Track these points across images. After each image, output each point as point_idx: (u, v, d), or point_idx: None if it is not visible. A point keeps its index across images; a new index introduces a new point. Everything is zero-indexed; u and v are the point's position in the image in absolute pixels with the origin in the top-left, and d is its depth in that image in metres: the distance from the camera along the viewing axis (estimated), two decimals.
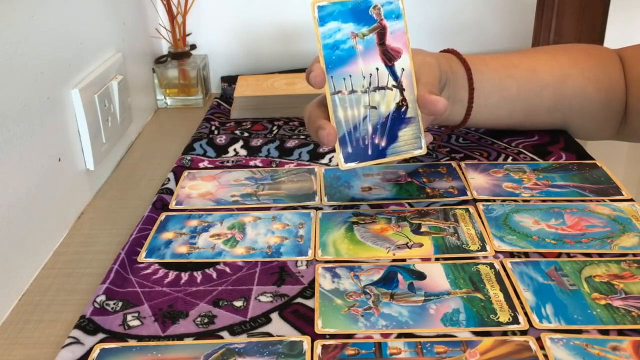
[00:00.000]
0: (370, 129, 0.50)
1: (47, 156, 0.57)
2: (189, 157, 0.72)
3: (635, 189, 0.63)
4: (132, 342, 0.43)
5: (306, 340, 0.43)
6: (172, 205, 0.61)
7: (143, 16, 0.90)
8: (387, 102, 0.51)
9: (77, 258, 0.56)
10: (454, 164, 0.68)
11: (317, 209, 0.60)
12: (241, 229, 0.57)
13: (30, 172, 0.53)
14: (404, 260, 0.51)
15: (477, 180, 0.64)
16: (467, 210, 0.58)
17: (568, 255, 0.51)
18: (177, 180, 0.66)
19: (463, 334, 0.43)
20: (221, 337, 0.44)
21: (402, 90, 0.52)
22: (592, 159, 0.68)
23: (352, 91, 0.50)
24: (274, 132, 0.79)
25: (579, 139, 0.73)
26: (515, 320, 0.44)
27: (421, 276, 0.49)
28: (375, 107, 0.51)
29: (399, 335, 0.43)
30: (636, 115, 0.67)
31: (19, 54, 0.52)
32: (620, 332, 0.43)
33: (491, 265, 0.50)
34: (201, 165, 0.70)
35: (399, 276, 0.49)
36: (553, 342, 0.42)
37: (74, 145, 0.63)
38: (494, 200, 0.60)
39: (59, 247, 0.57)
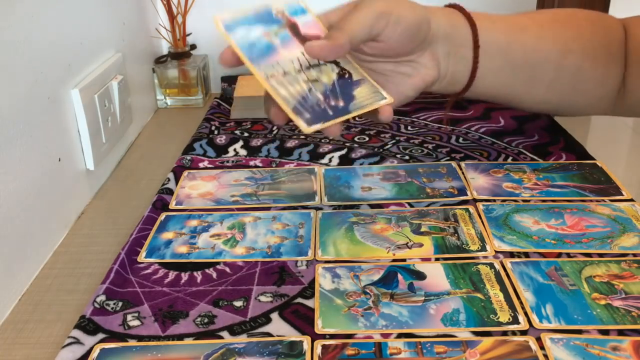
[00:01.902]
0: (320, 96, 0.48)
1: (47, 156, 0.57)
2: (189, 157, 0.72)
3: (635, 189, 0.63)
4: (132, 342, 0.43)
5: (306, 340, 0.43)
6: (172, 205, 0.61)
7: (143, 16, 0.90)
8: (327, 74, 0.50)
9: (77, 258, 0.56)
10: (454, 164, 0.68)
11: (317, 209, 0.60)
12: (241, 229, 0.57)
13: (30, 172, 0.53)
14: (404, 260, 0.51)
15: (477, 180, 0.64)
16: (467, 210, 0.58)
17: (568, 255, 0.51)
18: (177, 180, 0.66)
19: (463, 334, 0.43)
20: (221, 337, 0.44)
21: (336, 63, 0.51)
22: (592, 159, 0.68)
23: (285, 73, 0.48)
24: (274, 132, 0.79)
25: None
26: (515, 320, 0.44)
27: (421, 276, 0.49)
28: (316, 80, 0.49)
29: (399, 335, 0.43)
30: (631, 92, 0.66)
31: (19, 54, 0.52)
32: (620, 332, 0.43)
33: (491, 265, 0.50)
34: (201, 165, 0.70)
35: (399, 276, 0.49)
36: (553, 342, 0.42)
37: (74, 145, 0.63)
38: (494, 200, 0.60)
39: (59, 247, 0.57)
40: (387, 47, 0.53)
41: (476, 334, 0.43)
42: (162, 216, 0.59)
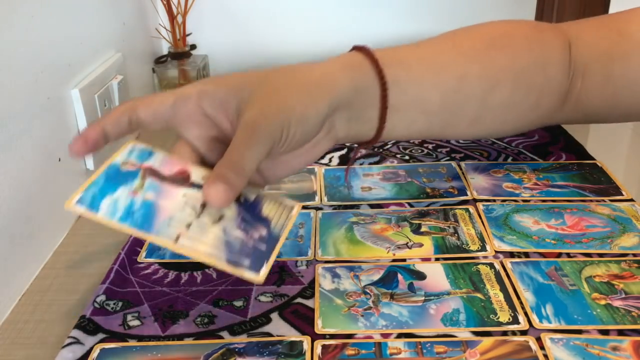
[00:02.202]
0: (239, 233, 0.42)
1: (47, 156, 0.57)
2: None
3: (635, 189, 0.63)
4: (132, 342, 0.43)
5: (306, 340, 0.43)
6: None
7: (143, 16, 0.90)
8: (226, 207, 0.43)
9: (77, 258, 0.56)
10: (454, 164, 0.68)
11: (317, 209, 0.60)
12: None
13: (30, 172, 0.53)
14: (404, 260, 0.51)
15: (477, 180, 0.64)
16: (467, 210, 0.58)
17: (568, 255, 0.51)
18: None
19: (463, 334, 0.43)
20: (221, 337, 0.44)
21: None
22: (592, 159, 0.68)
23: (188, 225, 0.41)
24: None
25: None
26: (515, 320, 0.44)
27: (421, 276, 0.49)
28: (222, 217, 0.42)
29: (399, 335, 0.43)
30: (582, 101, 0.62)
31: (19, 54, 0.52)
32: (621, 332, 0.43)
33: (491, 265, 0.50)
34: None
35: (399, 276, 0.49)
36: (553, 342, 0.42)
37: None
38: (494, 200, 0.60)
39: (59, 247, 0.57)
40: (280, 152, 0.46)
41: (476, 334, 0.43)
42: None
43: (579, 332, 0.43)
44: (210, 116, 0.46)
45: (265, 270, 0.40)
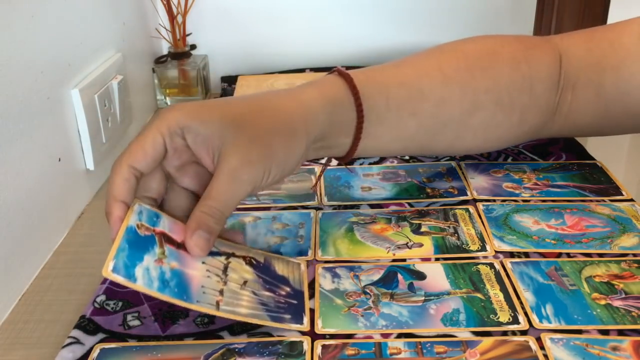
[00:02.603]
0: (268, 293, 0.46)
1: (47, 156, 0.57)
2: None
3: (635, 189, 0.63)
4: (132, 342, 0.43)
5: (306, 340, 0.43)
6: None
7: (143, 16, 0.90)
8: (240, 269, 0.47)
9: (77, 258, 0.56)
10: (454, 164, 0.68)
11: (317, 209, 0.60)
12: (241, 229, 0.57)
13: (30, 172, 0.53)
14: (404, 260, 0.51)
15: (477, 180, 0.64)
16: (467, 210, 0.58)
17: (568, 255, 0.51)
18: None
19: (463, 334, 0.43)
20: (221, 337, 0.44)
21: (223, 254, 0.47)
22: (592, 159, 0.68)
23: (221, 292, 0.44)
24: None
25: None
26: (515, 320, 0.44)
27: (421, 276, 0.49)
28: (245, 281, 0.46)
29: (399, 335, 0.43)
30: (572, 114, 0.61)
31: (19, 54, 0.52)
32: (621, 332, 0.43)
33: (491, 265, 0.50)
34: None
35: (399, 276, 0.49)
36: (553, 342, 0.42)
37: (74, 145, 0.63)
38: (494, 200, 0.60)
39: (59, 247, 0.57)
40: None
41: (476, 334, 0.43)
42: None
43: (579, 332, 0.43)
44: (192, 149, 0.46)
45: (306, 319, 0.45)
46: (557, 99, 0.60)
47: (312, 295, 0.48)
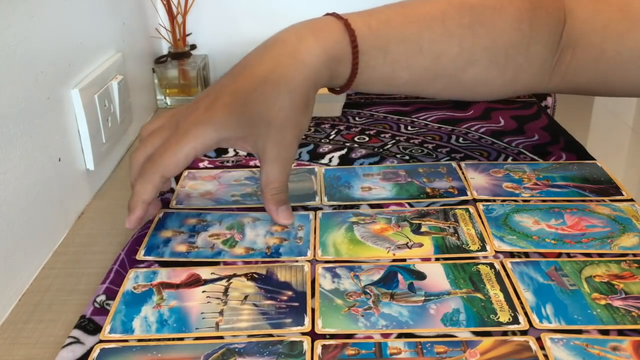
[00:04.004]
0: (269, 301, 0.47)
1: (47, 156, 0.57)
2: None
3: (635, 189, 0.63)
4: (132, 342, 0.43)
5: (306, 340, 0.43)
6: (173, 205, 0.61)
7: (143, 16, 0.90)
8: (243, 287, 0.49)
9: (77, 258, 0.56)
10: (454, 164, 0.68)
11: (317, 209, 0.60)
12: (240, 230, 0.57)
13: (30, 172, 0.53)
14: (404, 260, 0.51)
15: (477, 180, 0.64)
16: (467, 210, 0.58)
17: (568, 255, 0.51)
18: (177, 180, 0.66)
19: (463, 334, 0.43)
20: (221, 337, 0.44)
21: None
22: (592, 159, 0.68)
23: (221, 311, 0.46)
24: None
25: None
26: (516, 320, 0.44)
27: (421, 276, 0.49)
28: (247, 296, 0.48)
29: (399, 335, 0.43)
30: (571, 74, 0.61)
31: (19, 54, 0.52)
32: (621, 332, 0.43)
33: (491, 265, 0.50)
34: (201, 165, 0.70)
35: (399, 276, 0.49)
36: (553, 342, 0.42)
37: (74, 145, 0.63)
38: (494, 200, 0.60)
39: (59, 247, 0.57)
40: None
41: (476, 334, 0.43)
42: (161, 213, 0.59)
43: (579, 332, 0.43)
44: (229, 146, 0.56)
45: (307, 320, 0.45)
46: (554, 60, 0.60)
47: (312, 295, 0.48)
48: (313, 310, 0.46)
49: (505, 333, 0.43)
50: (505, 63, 0.59)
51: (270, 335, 0.43)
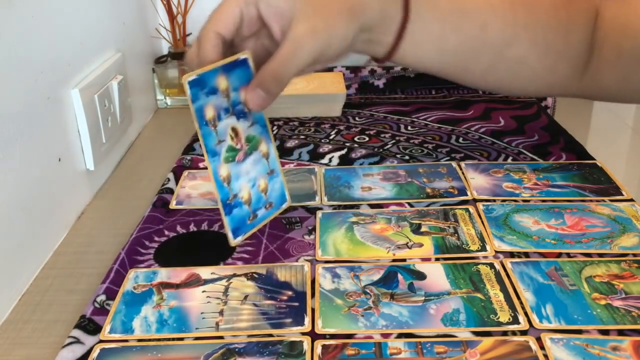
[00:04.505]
0: (268, 301, 0.47)
1: (47, 156, 0.57)
2: (189, 157, 0.72)
3: (635, 189, 0.63)
4: (132, 342, 0.43)
5: (306, 340, 0.43)
6: (173, 205, 0.61)
7: (143, 16, 0.90)
8: (243, 287, 0.49)
9: (77, 258, 0.56)
10: (454, 164, 0.68)
11: (317, 209, 0.60)
12: None
13: (30, 172, 0.53)
14: (404, 260, 0.51)
15: (477, 180, 0.64)
16: (467, 210, 0.58)
17: (568, 255, 0.51)
18: (177, 180, 0.66)
19: (463, 334, 0.43)
20: (221, 337, 0.44)
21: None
22: (592, 159, 0.68)
23: (221, 311, 0.46)
24: (274, 132, 0.79)
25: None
26: (516, 320, 0.44)
27: (421, 276, 0.49)
28: (247, 296, 0.48)
29: (399, 335, 0.43)
30: (599, 76, 0.62)
31: (19, 54, 0.52)
32: (621, 332, 0.43)
33: (491, 265, 0.50)
34: (201, 165, 0.70)
35: (399, 276, 0.49)
36: (553, 342, 0.42)
37: (74, 145, 0.63)
38: (494, 200, 0.60)
39: (59, 247, 0.57)
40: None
41: (476, 334, 0.43)
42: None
43: (579, 332, 0.43)
44: (264, 18, 0.50)
45: (307, 319, 0.45)
46: (588, 55, 0.62)
47: (312, 295, 0.48)
48: (313, 310, 0.46)
49: (505, 333, 0.43)
50: (545, 47, 0.60)
51: (270, 335, 0.43)
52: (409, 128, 0.80)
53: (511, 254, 0.52)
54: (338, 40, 0.50)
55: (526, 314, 0.45)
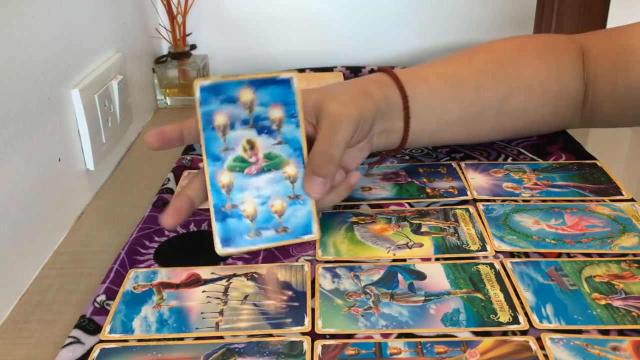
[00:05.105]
0: (269, 301, 0.47)
1: (47, 156, 0.57)
2: (189, 157, 0.72)
3: (635, 189, 0.63)
4: (132, 342, 0.43)
5: (306, 340, 0.43)
6: None
7: (143, 16, 0.90)
8: (243, 287, 0.49)
9: (77, 258, 0.56)
10: (454, 164, 0.68)
11: None
12: None
13: (30, 172, 0.53)
14: (404, 260, 0.51)
15: (477, 180, 0.64)
16: (467, 210, 0.58)
17: (568, 255, 0.51)
18: (177, 180, 0.66)
19: (463, 334, 0.43)
20: (221, 337, 0.44)
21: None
22: (592, 158, 0.68)
23: (221, 312, 0.46)
24: None
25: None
26: (516, 320, 0.44)
27: (421, 276, 0.49)
28: (247, 296, 0.47)
29: (399, 335, 0.43)
30: (596, 109, 0.67)
31: (19, 54, 0.52)
32: (621, 332, 0.43)
33: (491, 265, 0.50)
34: (201, 165, 0.70)
35: (399, 276, 0.49)
36: (553, 342, 0.42)
37: (74, 145, 0.63)
38: (494, 200, 0.60)
39: (59, 247, 0.57)
40: None
41: (476, 334, 0.43)
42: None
43: (579, 332, 0.43)
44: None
45: (307, 319, 0.45)
46: (584, 90, 0.66)
47: (312, 295, 0.48)
48: (313, 310, 0.46)
49: (505, 333, 0.43)
50: (542, 92, 0.64)
51: (270, 335, 0.43)
52: None
53: (511, 254, 0.52)
54: (367, 111, 0.54)
55: (526, 314, 0.45)
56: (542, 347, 0.41)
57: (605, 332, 0.43)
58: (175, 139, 0.51)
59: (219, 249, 0.49)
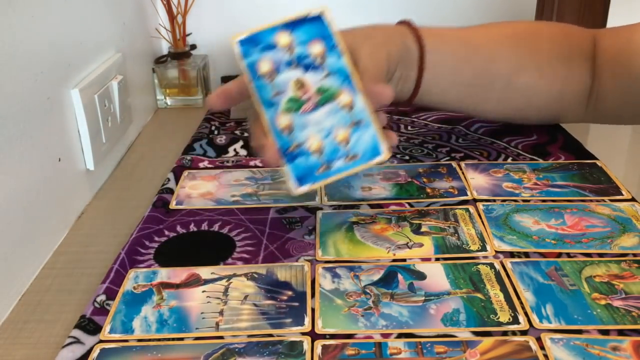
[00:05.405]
0: (269, 301, 0.47)
1: (47, 156, 0.57)
2: (189, 157, 0.72)
3: (635, 189, 0.63)
4: (132, 342, 0.43)
5: (306, 340, 0.43)
6: (173, 205, 0.61)
7: (143, 16, 0.90)
8: (243, 286, 0.49)
9: (77, 258, 0.56)
10: (454, 164, 0.68)
11: (317, 209, 0.60)
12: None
13: (30, 172, 0.53)
14: (404, 260, 0.51)
15: (477, 180, 0.64)
16: (467, 210, 0.58)
17: (568, 255, 0.51)
18: (177, 180, 0.66)
19: (463, 334, 0.43)
20: (221, 337, 0.44)
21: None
22: (592, 158, 0.68)
23: (221, 311, 0.46)
24: None
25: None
26: (516, 320, 0.44)
27: (421, 276, 0.49)
28: (247, 296, 0.47)
29: (399, 335, 0.43)
30: (601, 101, 0.68)
31: (19, 54, 0.52)
32: (621, 332, 0.43)
33: (491, 265, 0.50)
34: (201, 165, 0.70)
35: (399, 276, 0.49)
36: (553, 342, 0.42)
37: (74, 145, 0.63)
38: (494, 200, 0.60)
39: (59, 247, 0.57)
40: None
41: (476, 334, 0.43)
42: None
43: (579, 332, 0.43)
44: None
45: (307, 320, 0.45)
46: (591, 81, 0.67)
47: (312, 295, 0.48)
48: (313, 310, 0.46)
49: (505, 333, 0.43)
50: (552, 73, 0.66)
51: (270, 335, 0.43)
52: (409, 128, 0.80)
53: (511, 254, 0.52)
54: (395, 54, 0.58)
55: (526, 314, 0.45)
56: (542, 347, 0.41)
57: (605, 332, 0.43)
58: (236, 94, 0.54)
59: (294, 189, 0.50)
